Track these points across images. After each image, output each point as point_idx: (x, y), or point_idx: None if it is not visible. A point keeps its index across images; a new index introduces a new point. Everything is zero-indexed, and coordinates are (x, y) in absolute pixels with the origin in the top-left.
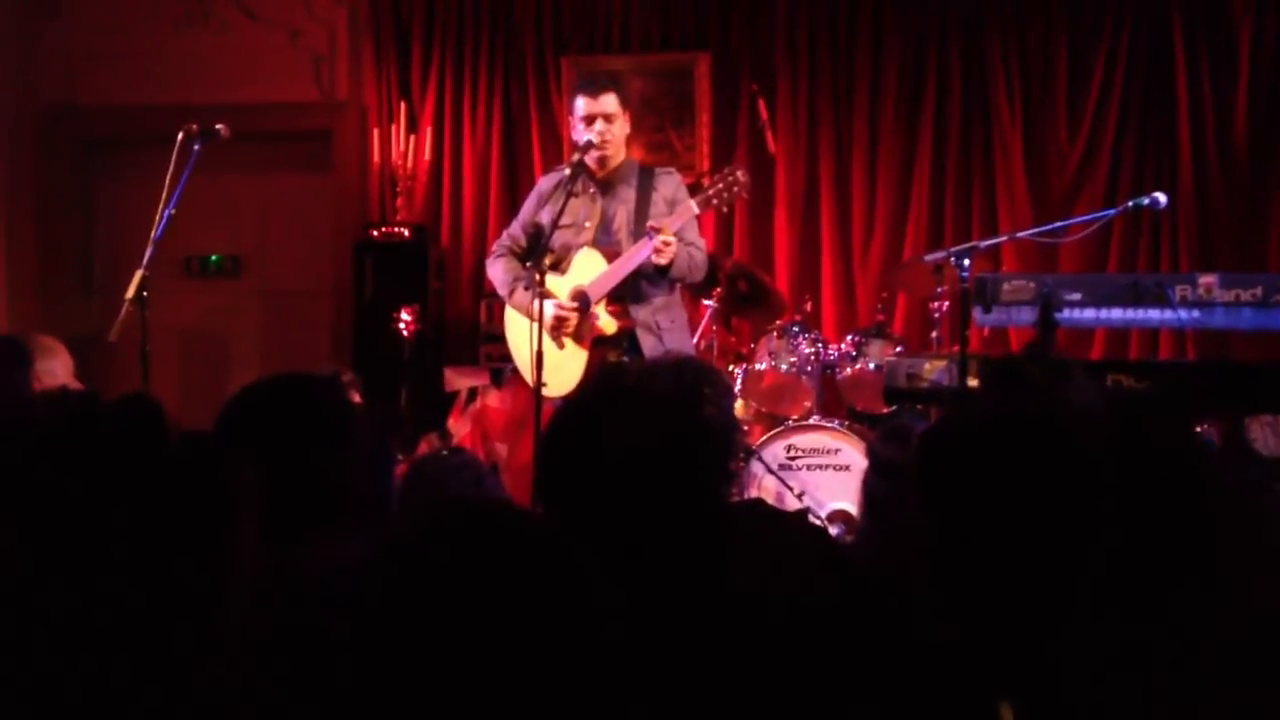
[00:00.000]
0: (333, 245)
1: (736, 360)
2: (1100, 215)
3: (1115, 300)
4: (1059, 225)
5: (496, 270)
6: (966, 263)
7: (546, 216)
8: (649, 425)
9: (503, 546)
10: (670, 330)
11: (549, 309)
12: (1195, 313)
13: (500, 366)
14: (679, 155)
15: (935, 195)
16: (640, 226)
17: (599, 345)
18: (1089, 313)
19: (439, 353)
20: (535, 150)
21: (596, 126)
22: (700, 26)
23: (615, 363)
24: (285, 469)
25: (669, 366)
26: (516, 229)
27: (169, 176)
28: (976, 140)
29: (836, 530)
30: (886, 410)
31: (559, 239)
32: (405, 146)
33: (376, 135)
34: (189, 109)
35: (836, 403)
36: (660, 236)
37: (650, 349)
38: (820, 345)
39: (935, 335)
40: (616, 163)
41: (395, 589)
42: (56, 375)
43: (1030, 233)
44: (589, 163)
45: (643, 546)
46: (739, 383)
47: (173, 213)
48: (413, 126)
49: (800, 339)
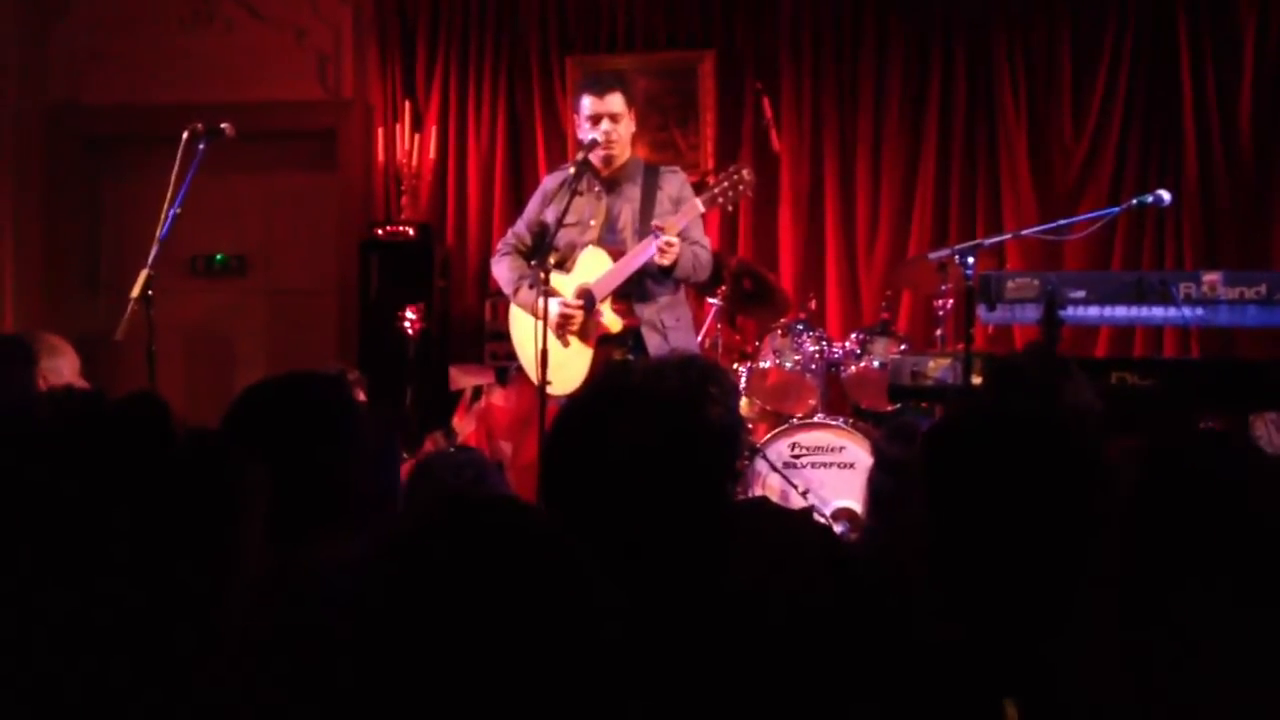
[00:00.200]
0: (338, 244)
1: (741, 358)
2: (1105, 213)
3: (1119, 298)
4: (1063, 223)
5: (501, 268)
6: (971, 260)
7: (551, 215)
8: (654, 424)
9: (503, 544)
10: (675, 328)
11: (554, 307)
12: (1199, 310)
13: (505, 365)
14: (683, 154)
15: (940, 193)
16: (645, 225)
17: (604, 343)
18: (1093, 310)
19: (444, 351)
20: (540, 149)
21: (602, 126)
22: (704, 25)
23: (620, 361)
24: (291, 468)
25: (675, 365)
26: (522, 227)
27: (174, 175)
28: (981, 138)
29: (841, 528)
30: (891, 408)
31: (564, 237)
32: (410, 145)
33: (381, 134)
34: (194, 108)
35: (841, 401)
36: (664, 237)
37: (655, 347)
38: (825, 343)
39: (940, 333)
40: (622, 161)
41: (396, 587)
42: (62, 374)
43: (1035, 230)
44: (594, 161)
45: (647, 545)
46: (743, 381)
47: (178, 212)
48: (418, 125)
49: (805, 337)
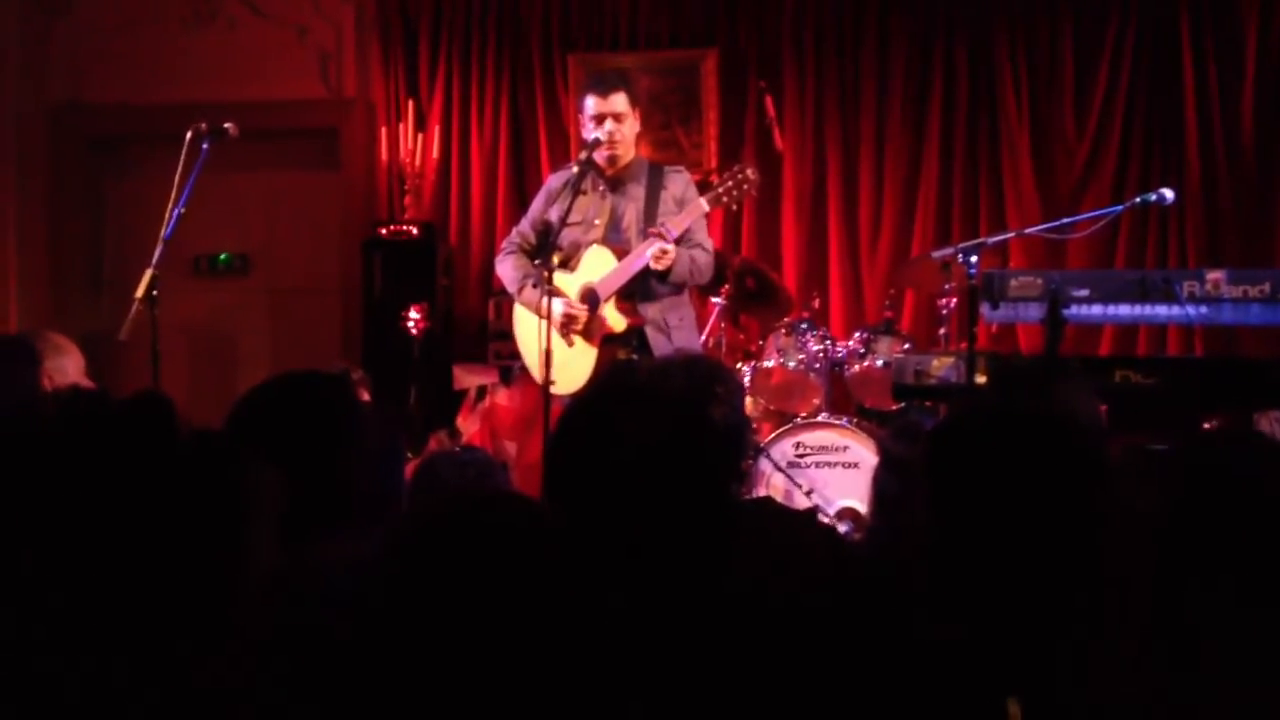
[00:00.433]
0: (341, 243)
1: (744, 358)
2: (1108, 211)
3: (1123, 296)
4: (1066, 221)
5: (506, 267)
6: (974, 259)
7: (555, 214)
8: (659, 423)
9: (508, 543)
10: (679, 328)
11: (558, 306)
12: (1203, 308)
13: (509, 364)
14: (686, 153)
15: (943, 192)
16: (650, 224)
17: (608, 343)
18: (1096, 309)
19: (447, 350)
20: (542, 147)
21: (606, 126)
22: (707, 23)
23: (625, 360)
24: (295, 468)
25: (681, 364)
26: (526, 226)
27: (178, 175)
28: (983, 137)
29: (845, 528)
30: (895, 407)
31: (568, 236)
32: (413, 144)
33: (384, 133)
34: (197, 107)
35: (845, 400)
36: (658, 244)
37: (659, 347)
38: (828, 342)
39: (943, 332)
40: (626, 161)
41: (401, 587)
42: (67, 373)
43: (1038, 229)
44: (598, 161)
45: (651, 545)
46: (747, 380)
47: (182, 211)
48: (420, 124)
49: (808, 336)
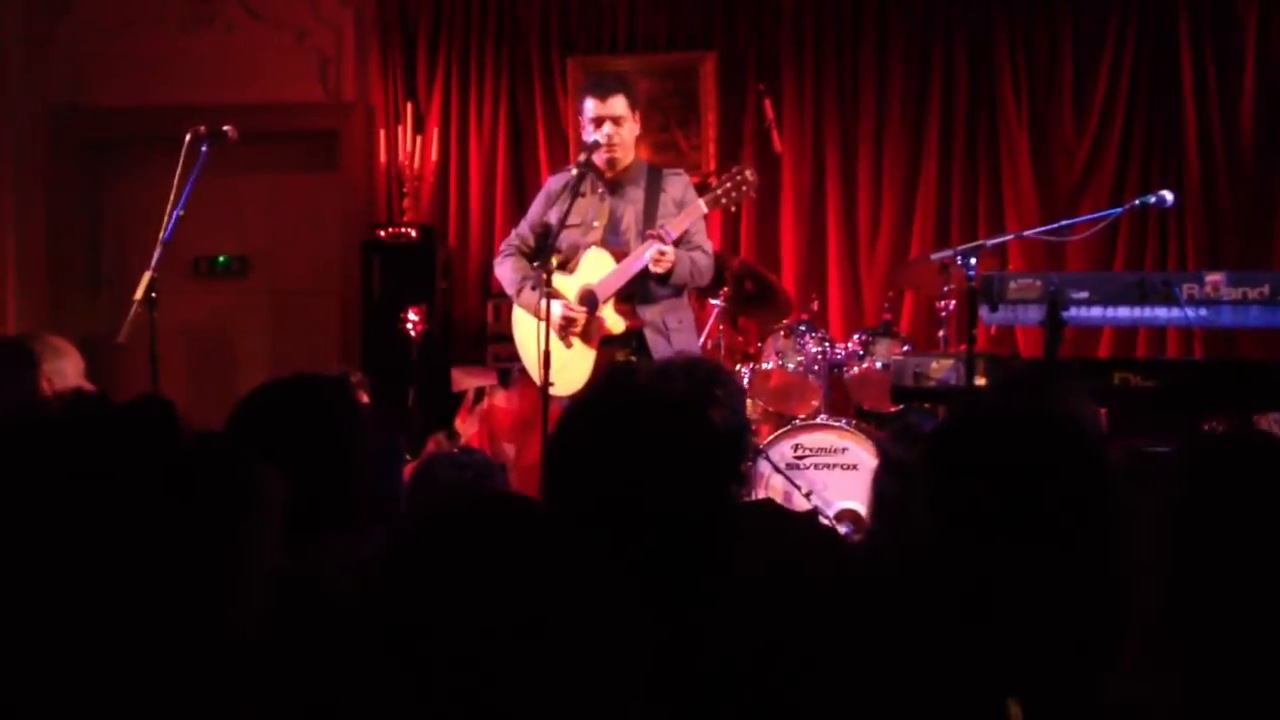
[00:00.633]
0: (340, 245)
1: (743, 360)
2: (1107, 213)
3: (1122, 298)
4: (1065, 223)
5: (505, 270)
6: (973, 261)
7: (554, 216)
8: (659, 426)
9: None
10: (678, 330)
11: (557, 308)
12: (1202, 311)
13: (507, 366)
14: (684, 155)
15: (941, 194)
16: (648, 227)
17: (607, 345)
18: (1096, 311)
19: (446, 353)
20: (541, 150)
21: (605, 129)
22: (706, 26)
23: (625, 363)
24: (294, 470)
25: (682, 367)
26: (525, 228)
27: (177, 177)
28: (982, 138)
29: (844, 529)
30: (894, 409)
31: (567, 239)
32: (412, 147)
33: (383, 136)
34: (196, 110)
35: (844, 402)
36: (657, 246)
37: (658, 349)
38: (827, 344)
39: (942, 334)
40: (625, 164)
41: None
42: (67, 376)
43: (1037, 231)
44: (598, 163)
45: (651, 547)
46: (746, 382)
47: (181, 214)
48: (419, 127)
49: (807, 338)
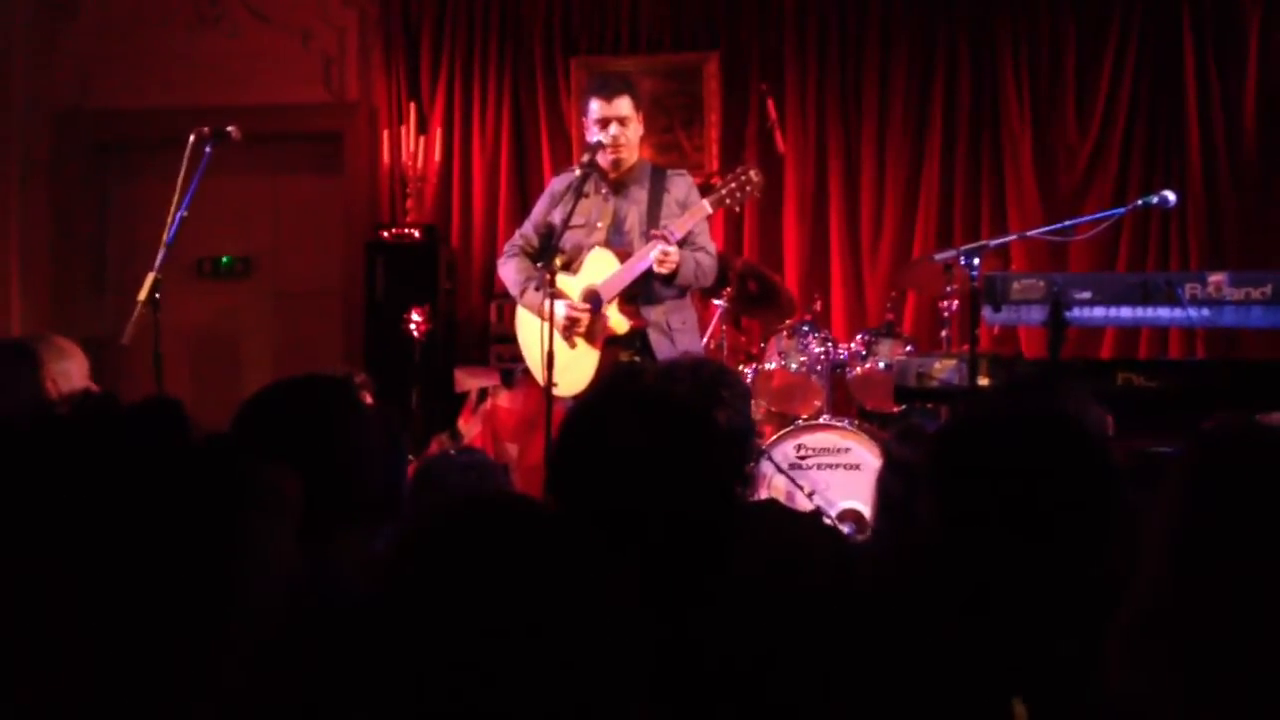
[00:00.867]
0: (343, 246)
1: (747, 360)
2: (1110, 214)
3: (1125, 299)
4: (1068, 224)
5: (508, 270)
6: (976, 261)
7: (558, 217)
8: (664, 427)
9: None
10: (682, 331)
11: (561, 309)
12: (1205, 311)
13: (511, 367)
14: (688, 155)
15: (944, 194)
16: (652, 228)
17: (610, 345)
18: (1098, 311)
19: (449, 353)
20: (544, 151)
21: (610, 129)
22: (709, 27)
23: (629, 363)
24: (298, 470)
25: (687, 368)
26: (529, 229)
27: (181, 178)
28: (985, 139)
29: (848, 530)
30: (896, 410)
31: (570, 239)
32: (415, 148)
33: (387, 136)
34: (200, 111)
35: (846, 402)
36: (661, 247)
37: (662, 349)
38: (830, 344)
39: (945, 334)
40: (629, 164)
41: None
42: (71, 377)
43: (1039, 231)
44: (602, 164)
45: (654, 547)
46: (749, 382)
47: (185, 215)
48: (423, 128)
49: (810, 338)
